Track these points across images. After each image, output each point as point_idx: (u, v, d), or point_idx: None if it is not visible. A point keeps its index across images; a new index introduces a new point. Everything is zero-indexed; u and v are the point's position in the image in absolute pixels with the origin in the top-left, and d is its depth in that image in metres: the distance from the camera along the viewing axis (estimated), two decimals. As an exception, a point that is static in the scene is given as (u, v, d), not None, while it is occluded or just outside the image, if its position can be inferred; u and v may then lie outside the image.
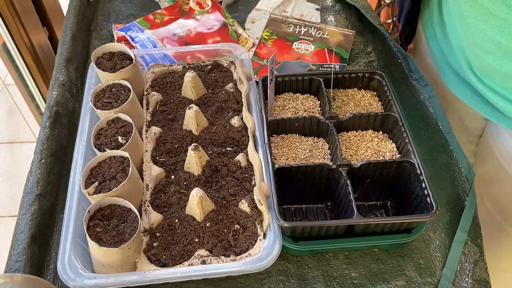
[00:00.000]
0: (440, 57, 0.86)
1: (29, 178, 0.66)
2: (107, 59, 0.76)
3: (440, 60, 0.86)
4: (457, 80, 0.81)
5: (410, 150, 0.65)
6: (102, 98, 0.71)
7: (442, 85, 0.86)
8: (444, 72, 0.85)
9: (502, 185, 0.82)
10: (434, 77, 0.89)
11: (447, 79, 0.84)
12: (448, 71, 0.83)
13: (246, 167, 0.67)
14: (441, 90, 0.87)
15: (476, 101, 0.78)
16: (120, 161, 0.63)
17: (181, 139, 0.71)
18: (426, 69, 0.92)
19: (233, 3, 1.03)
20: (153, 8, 1.01)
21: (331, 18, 0.99)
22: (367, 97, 0.75)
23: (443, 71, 0.85)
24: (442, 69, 0.86)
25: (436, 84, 0.88)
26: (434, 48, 0.87)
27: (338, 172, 0.63)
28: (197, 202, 0.60)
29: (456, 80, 0.82)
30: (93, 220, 0.58)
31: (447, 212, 0.70)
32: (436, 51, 0.87)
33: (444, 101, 0.87)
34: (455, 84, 0.82)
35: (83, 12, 0.94)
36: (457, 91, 0.82)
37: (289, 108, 0.73)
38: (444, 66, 0.85)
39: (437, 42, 0.85)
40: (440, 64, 0.86)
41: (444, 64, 0.85)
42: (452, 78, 0.83)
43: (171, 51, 0.85)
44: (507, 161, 0.78)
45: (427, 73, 0.92)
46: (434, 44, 0.87)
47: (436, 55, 0.87)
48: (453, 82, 0.83)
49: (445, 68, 0.84)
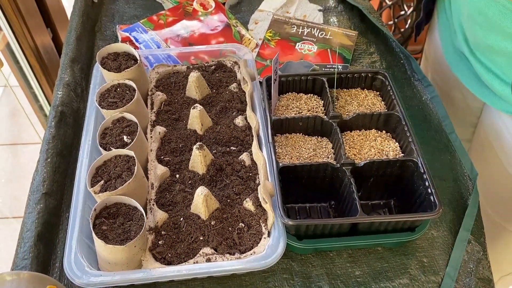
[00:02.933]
0: (446, 35, 0.88)
1: (35, 177, 0.66)
2: (112, 60, 0.76)
3: (445, 39, 0.89)
4: (458, 58, 0.84)
5: (413, 149, 0.65)
6: (107, 97, 0.72)
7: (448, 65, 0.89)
8: (448, 51, 0.88)
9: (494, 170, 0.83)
10: (441, 59, 0.92)
11: (449, 58, 0.88)
12: (451, 50, 0.87)
13: (250, 166, 0.68)
14: (447, 71, 0.89)
15: (470, 79, 0.81)
16: (126, 160, 0.63)
17: (186, 138, 0.71)
18: (435, 52, 0.95)
19: (236, 4, 1.04)
20: (157, 9, 1.02)
21: (334, 19, 0.99)
22: (370, 97, 0.75)
23: (447, 51, 0.88)
24: (446, 48, 0.89)
25: (444, 65, 0.91)
26: (442, 26, 0.90)
27: (342, 171, 0.64)
28: (202, 200, 0.60)
29: (456, 59, 0.85)
30: (99, 218, 0.59)
31: (450, 211, 0.71)
32: (443, 28, 0.89)
33: (450, 80, 0.90)
34: (456, 63, 0.85)
35: (87, 13, 0.94)
36: (456, 70, 0.85)
37: (293, 107, 0.73)
38: (448, 45, 0.88)
39: (445, 19, 0.88)
40: (445, 43, 0.89)
41: (448, 43, 0.88)
42: (454, 57, 0.86)
43: (175, 52, 0.86)
44: (498, 143, 0.80)
45: (435, 56, 0.95)
46: (442, 21, 0.90)
47: (443, 34, 0.90)
48: (454, 61, 0.86)
49: (449, 47, 0.88)
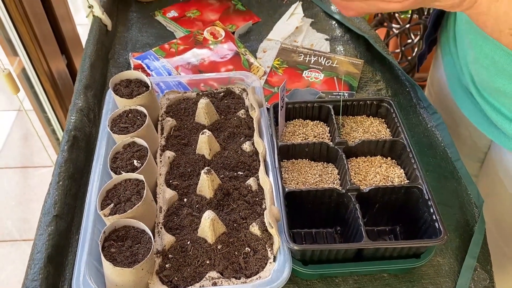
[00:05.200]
0: (451, 72, 0.89)
1: (47, 200, 0.68)
2: (124, 86, 0.79)
3: (451, 75, 0.89)
4: (464, 96, 0.84)
5: (418, 176, 0.66)
6: (118, 123, 0.74)
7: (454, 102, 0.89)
8: (454, 89, 0.88)
9: (503, 205, 0.83)
10: (446, 93, 0.92)
11: (455, 95, 0.88)
12: (458, 87, 0.87)
13: (257, 191, 0.69)
14: (453, 106, 0.89)
15: (478, 117, 0.81)
16: (135, 184, 0.65)
17: (194, 163, 0.73)
18: (440, 86, 0.95)
19: (245, 33, 1.07)
20: (168, 37, 1.05)
21: (340, 48, 1.02)
22: (375, 124, 0.76)
23: (453, 88, 0.89)
24: (452, 85, 0.89)
25: (449, 100, 0.91)
26: (447, 62, 0.91)
27: (348, 197, 0.65)
28: (209, 224, 0.61)
29: (463, 97, 0.85)
30: (108, 241, 0.60)
31: (456, 238, 0.71)
32: (449, 66, 0.90)
33: (456, 116, 0.90)
34: (462, 101, 0.85)
35: (102, 41, 0.98)
36: (463, 107, 0.85)
37: (299, 134, 0.75)
38: (454, 82, 0.88)
39: (450, 56, 0.88)
40: (451, 80, 0.89)
41: (454, 79, 0.88)
42: (460, 94, 0.86)
43: (185, 79, 0.88)
44: (509, 180, 0.79)
45: (440, 90, 0.95)
46: (447, 58, 0.90)
47: (448, 71, 0.90)
48: (461, 98, 0.86)
49: (455, 84, 0.88)
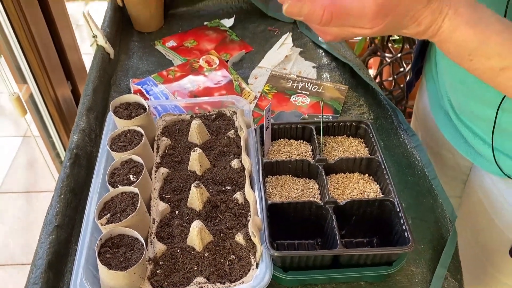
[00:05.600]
0: (434, 98, 0.94)
1: (49, 211, 0.74)
2: (123, 108, 0.86)
3: (433, 101, 0.94)
4: (445, 120, 0.90)
5: (391, 190, 0.72)
6: (117, 142, 0.80)
7: (437, 126, 0.94)
8: (436, 113, 0.93)
9: (482, 223, 0.87)
10: (430, 118, 0.97)
11: (438, 120, 0.93)
12: (439, 112, 0.92)
13: (242, 204, 0.74)
14: (436, 130, 0.94)
15: (458, 140, 0.86)
16: (131, 196, 0.71)
17: (186, 178, 0.79)
18: (424, 112, 1.01)
19: (238, 62, 1.15)
20: (167, 65, 1.13)
21: (327, 75, 1.09)
22: (354, 144, 0.82)
23: (436, 113, 0.94)
24: (435, 110, 0.94)
25: (433, 125, 0.96)
26: (430, 88, 0.96)
27: (325, 209, 0.70)
28: (197, 233, 0.67)
29: (444, 121, 0.90)
30: (104, 247, 0.65)
31: (430, 250, 0.76)
32: (432, 92, 0.95)
33: (439, 140, 0.95)
34: (444, 125, 0.90)
35: (104, 68, 1.05)
36: (445, 131, 0.90)
37: (284, 152, 0.81)
38: (436, 107, 0.93)
39: (433, 83, 0.94)
40: (434, 105, 0.94)
41: (436, 105, 0.93)
42: (442, 119, 0.91)
43: (181, 103, 0.95)
44: (488, 200, 0.84)
45: (425, 115, 1.00)
46: (430, 85, 0.96)
47: (431, 97, 0.95)
48: (442, 122, 0.91)
49: (437, 109, 0.93)
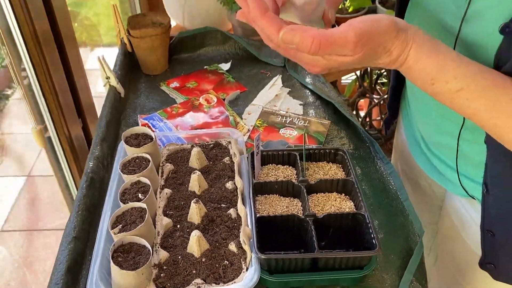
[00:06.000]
0: (409, 133, 1.03)
1: (68, 224, 0.85)
2: (133, 138, 0.99)
3: (409, 135, 1.05)
4: (419, 151, 1.00)
5: (362, 206, 0.83)
6: (128, 166, 0.93)
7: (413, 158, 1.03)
8: (412, 146, 1.03)
9: (457, 244, 0.98)
10: (407, 152, 1.06)
11: (413, 152, 1.03)
12: (414, 145, 1.02)
13: (235, 219, 0.86)
14: (413, 162, 1.04)
15: (430, 169, 0.96)
16: (139, 211, 0.83)
17: (187, 197, 0.91)
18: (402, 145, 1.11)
19: (234, 100, 1.29)
20: (171, 103, 1.27)
21: (312, 111, 1.23)
22: (333, 168, 0.95)
23: (411, 146, 1.04)
24: (411, 143, 1.04)
25: (410, 157, 1.05)
26: (405, 124, 1.07)
27: (306, 222, 0.82)
28: (196, 240, 0.78)
29: (418, 152, 1.00)
30: (116, 252, 0.76)
31: (399, 260, 0.86)
32: (407, 127, 1.05)
33: (415, 170, 1.05)
34: (418, 156, 1.01)
35: (115, 105, 1.20)
36: (419, 161, 1.01)
37: (272, 175, 0.93)
38: (412, 140, 1.03)
39: (407, 119, 1.05)
40: (410, 139, 1.04)
41: (411, 138, 1.03)
42: (416, 151, 1.01)
43: (182, 134, 1.08)
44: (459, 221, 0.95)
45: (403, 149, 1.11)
46: (405, 121, 1.07)
47: (407, 131, 1.06)
48: (417, 154, 1.01)
49: (412, 142, 1.02)
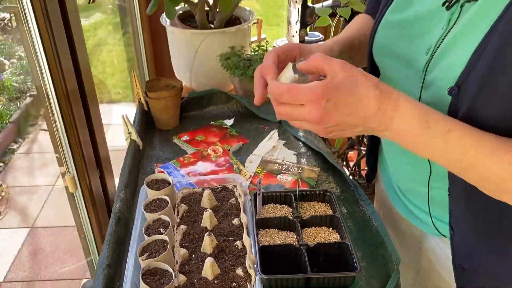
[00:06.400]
0: (388, 183, 1.14)
1: (102, 255, 1.02)
2: (154, 183, 1.17)
3: (388, 186, 1.15)
4: (397, 199, 1.14)
5: (346, 237, 1.01)
6: (150, 206, 1.11)
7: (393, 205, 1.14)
8: (391, 195, 1.14)
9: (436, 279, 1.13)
10: (387, 200, 1.17)
11: (392, 199, 1.14)
12: (392, 193, 1.13)
13: (241, 249, 1.03)
14: (392, 208, 1.14)
15: (408, 213, 1.09)
16: (161, 242, 1.00)
17: (200, 232, 1.08)
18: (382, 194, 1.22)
19: (237, 151, 1.49)
20: (183, 153, 1.47)
21: (304, 160, 1.42)
22: (322, 207, 1.13)
23: (390, 194, 1.14)
24: (390, 192, 1.15)
25: (389, 204, 1.16)
26: (384, 175, 1.19)
27: (300, 250, 0.99)
28: (209, 265, 0.95)
29: (396, 200, 1.15)
30: (144, 275, 0.93)
31: (379, 284, 1.02)
32: (385, 179, 1.16)
33: (395, 215, 1.14)
34: (397, 203, 1.15)
35: (135, 155, 1.39)
36: (398, 207, 1.15)
37: (271, 213, 1.11)
38: (390, 190, 1.14)
39: (385, 172, 1.16)
40: (388, 189, 1.15)
41: (390, 188, 1.14)
42: (395, 198, 1.12)
43: (194, 180, 1.27)
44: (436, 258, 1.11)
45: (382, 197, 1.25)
46: (384, 173, 1.18)
47: (385, 181, 1.16)
48: (395, 201, 1.16)
49: (391, 191, 1.13)
